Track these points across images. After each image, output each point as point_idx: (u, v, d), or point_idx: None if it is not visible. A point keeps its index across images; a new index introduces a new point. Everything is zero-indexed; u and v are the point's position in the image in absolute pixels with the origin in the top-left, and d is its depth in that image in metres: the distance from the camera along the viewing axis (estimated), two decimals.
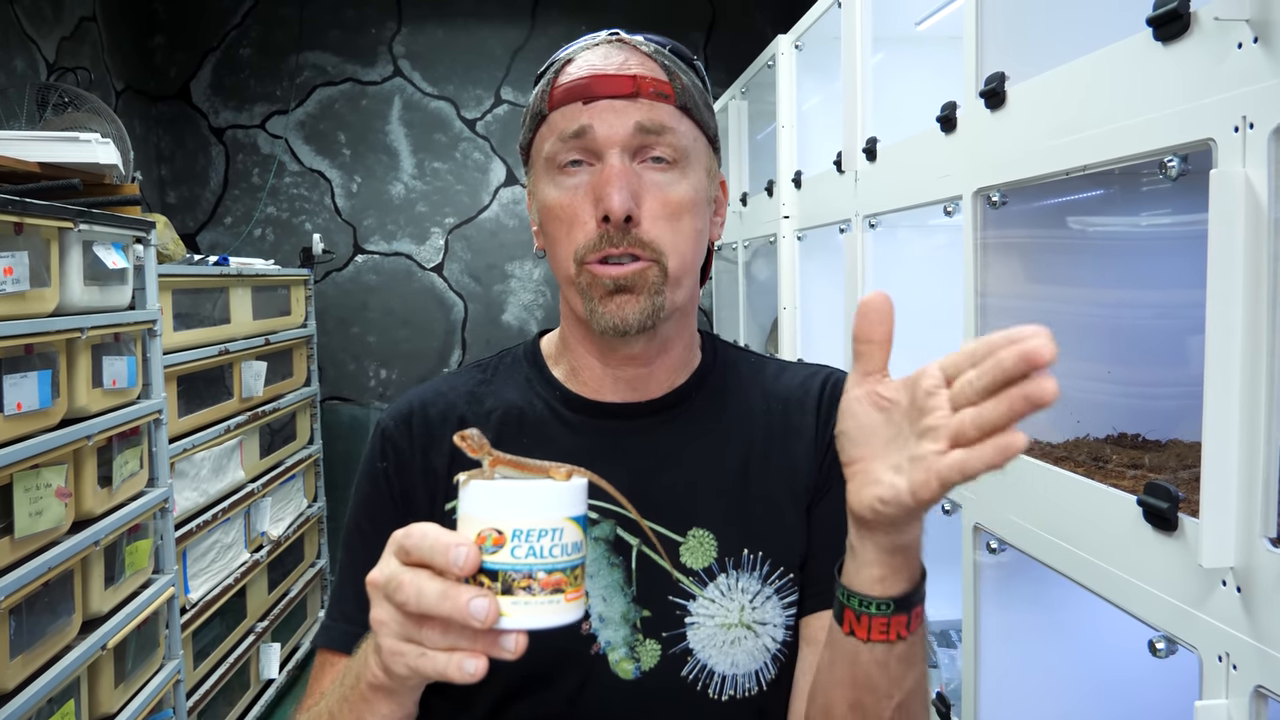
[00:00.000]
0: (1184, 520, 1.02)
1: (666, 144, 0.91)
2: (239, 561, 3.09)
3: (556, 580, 0.64)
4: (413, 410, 1.00)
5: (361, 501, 1.01)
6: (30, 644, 1.88)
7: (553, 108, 0.92)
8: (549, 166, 0.93)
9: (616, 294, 0.90)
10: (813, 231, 2.61)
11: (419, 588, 0.63)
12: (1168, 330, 1.43)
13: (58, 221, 1.95)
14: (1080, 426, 1.50)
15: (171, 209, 4.37)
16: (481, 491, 0.66)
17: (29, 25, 3.26)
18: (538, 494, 0.66)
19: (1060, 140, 1.26)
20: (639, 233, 0.89)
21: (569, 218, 0.91)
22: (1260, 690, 0.92)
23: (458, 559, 0.63)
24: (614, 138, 0.89)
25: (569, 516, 0.65)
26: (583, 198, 0.90)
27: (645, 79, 0.91)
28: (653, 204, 0.90)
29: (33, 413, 1.87)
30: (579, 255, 0.90)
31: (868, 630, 0.73)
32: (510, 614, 0.63)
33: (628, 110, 0.90)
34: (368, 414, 4.47)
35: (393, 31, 4.44)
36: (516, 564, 0.63)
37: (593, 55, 0.93)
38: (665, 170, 0.91)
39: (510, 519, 0.64)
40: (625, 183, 0.88)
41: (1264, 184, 0.88)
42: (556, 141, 0.91)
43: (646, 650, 0.92)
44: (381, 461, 0.99)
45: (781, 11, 4.36)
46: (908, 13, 2.26)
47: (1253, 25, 0.90)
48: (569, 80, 0.92)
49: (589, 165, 0.91)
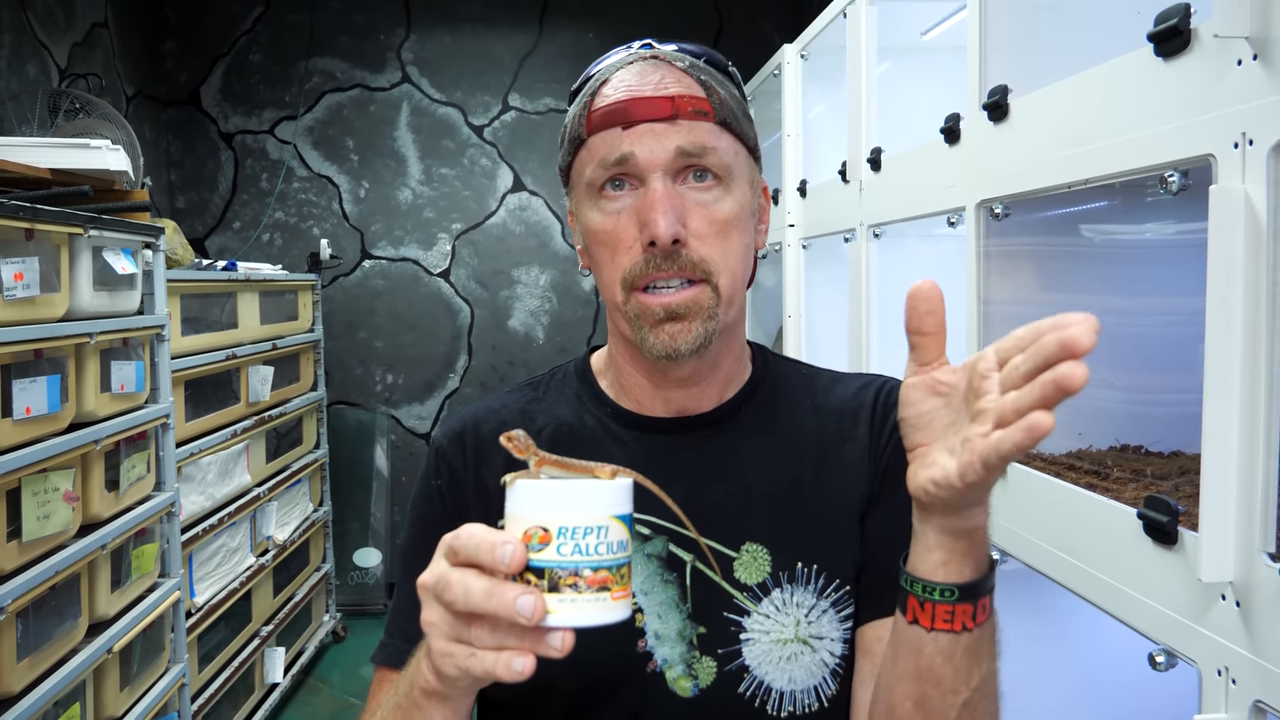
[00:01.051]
0: (1184, 534, 1.02)
1: (710, 163, 0.90)
2: (245, 565, 3.10)
3: (602, 578, 0.64)
4: (465, 428, 1.01)
5: (417, 519, 1.01)
6: (37, 647, 1.89)
7: (591, 132, 0.91)
8: (590, 191, 0.92)
9: (668, 321, 0.89)
10: (818, 240, 2.62)
11: (466, 586, 0.64)
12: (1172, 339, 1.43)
13: (68, 227, 1.96)
14: (1083, 438, 1.50)
15: (180, 214, 4.39)
16: (527, 490, 0.66)
17: (41, 31, 3.29)
18: (583, 492, 0.66)
19: (1062, 153, 1.27)
20: (688, 254, 0.88)
21: (613, 242, 0.90)
22: (1259, 705, 0.92)
23: (504, 556, 0.63)
24: (655, 162, 0.88)
25: (614, 515, 0.66)
26: (626, 221, 0.89)
27: (683, 99, 0.89)
28: (699, 224, 0.89)
29: (41, 417, 1.88)
30: (627, 281, 0.90)
31: (931, 618, 0.72)
32: (557, 611, 0.63)
33: (668, 134, 0.88)
34: (374, 419, 4.49)
35: (401, 38, 4.46)
36: (562, 561, 0.64)
37: (628, 75, 0.92)
38: (709, 188, 0.90)
39: (556, 517, 0.64)
40: (670, 205, 0.87)
41: (1263, 200, 0.89)
42: (597, 168, 0.90)
43: (703, 667, 0.91)
44: (436, 479, 1.00)
45: (788, 19, 4.37)
46: (913, 23, 2.26)
47: (1252, 42, 0.91)
48: (606, 104, 0.90)
49: (632, 188, 0.90)
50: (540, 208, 4.54)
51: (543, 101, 4.51)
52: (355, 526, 4.36)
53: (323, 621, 4.00)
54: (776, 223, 2.83)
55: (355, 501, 4.37)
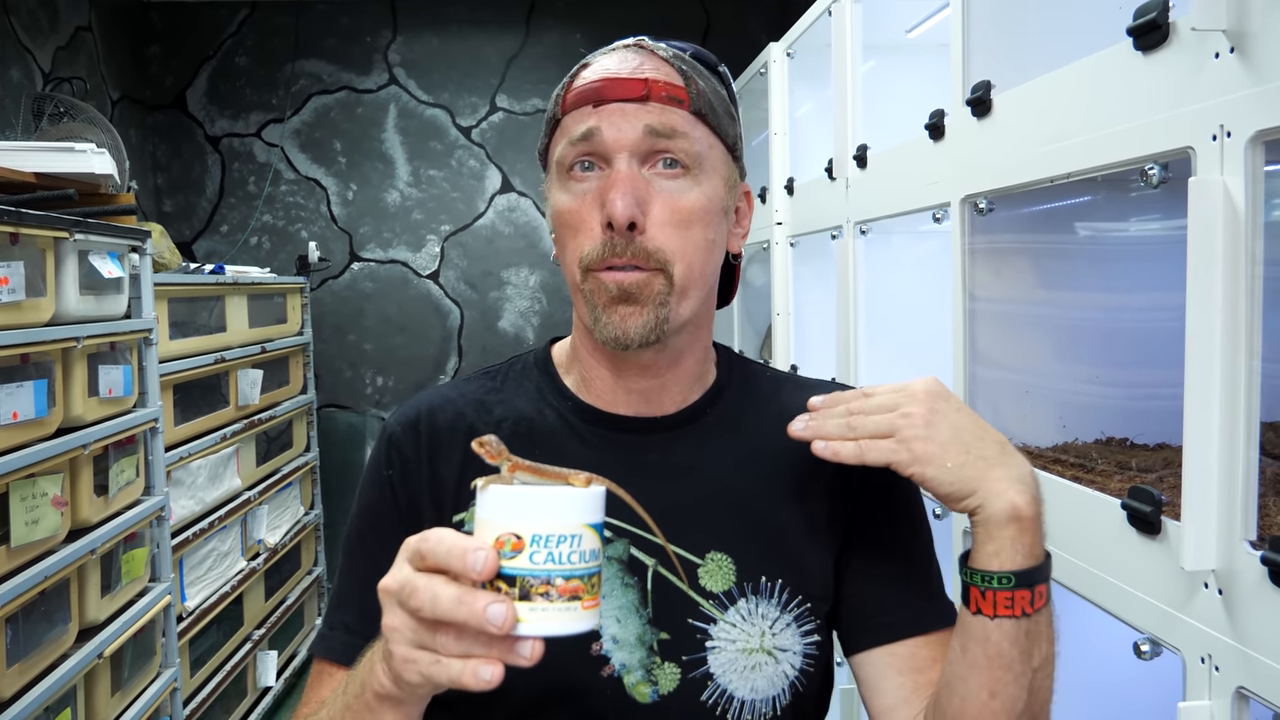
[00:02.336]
0: (1167, 523, 1.03)
1: (678, 149, 0.88)
2: (236, 569, 3.10)
3: (574, 587, 0.64)
4: (420, 416, 0.98)
5: (365, 508, 0.99)
6: (27, 652, 1.89)
7: (565, 111, 0.91)
8: (560, 171, 0.91)
9: (621, 303, 0.87)
10: (805, 238, 2.62)
11: (434, 593, 0.63)
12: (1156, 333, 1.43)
13: (53, 231, 1.96)
14: (1068, 431, 1.51)
15: (167, 218, 4.38)
16: (500, 496, 0.65)
17: (25, 35, 3.27)
18: (558, 500, 0.65)
19: (1045, 148, 1.27)
20: (643, 240, 0.87)
21: (576, 224, 0.89)
22: (1242, 691, 0.93)
23: (475, 563, 0.62)
24: (622, 141, 0.87)
25: (587, 524, 0.65)
26: (590, 203, 0.88)
27: (658, 82, 0.89)
28: (661, 211, 0.87)
29: (29, 422, 1.88)
30: (584, 262, 0.88)
31: (993, 606, 0.78)
32: (527, 620, 0.63)
33: (638, 114, 0.87)
34: (364, 421, 4.48)
35: (388, 40, 4.46)
36: (535, 570, 0.63)
37: (609, 60, 0.92)
38: (676, 176, 0.89)
39: (530, 524, 0.63)
40: (630, 189, 0.86)
41: (1241, 192, 0.90)
42: (566, 145, 0.89)
43: (665, 674, 0.89)
44: (387, 469, 0.97)
45: (774, 18, 4.38)
46: (897, 20, 2.27)
47: (1229, 35, 0.91)
48: (582, 84, 0.90)
49: (599, 170, 0.89)
50: (529, 209, 4.54)
51: (530, 102, 4.51)
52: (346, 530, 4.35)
53: (315, 625, 3.99)
54: (764, 220, 2.84)
55: (346, 505, 4.33)
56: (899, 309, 2.10)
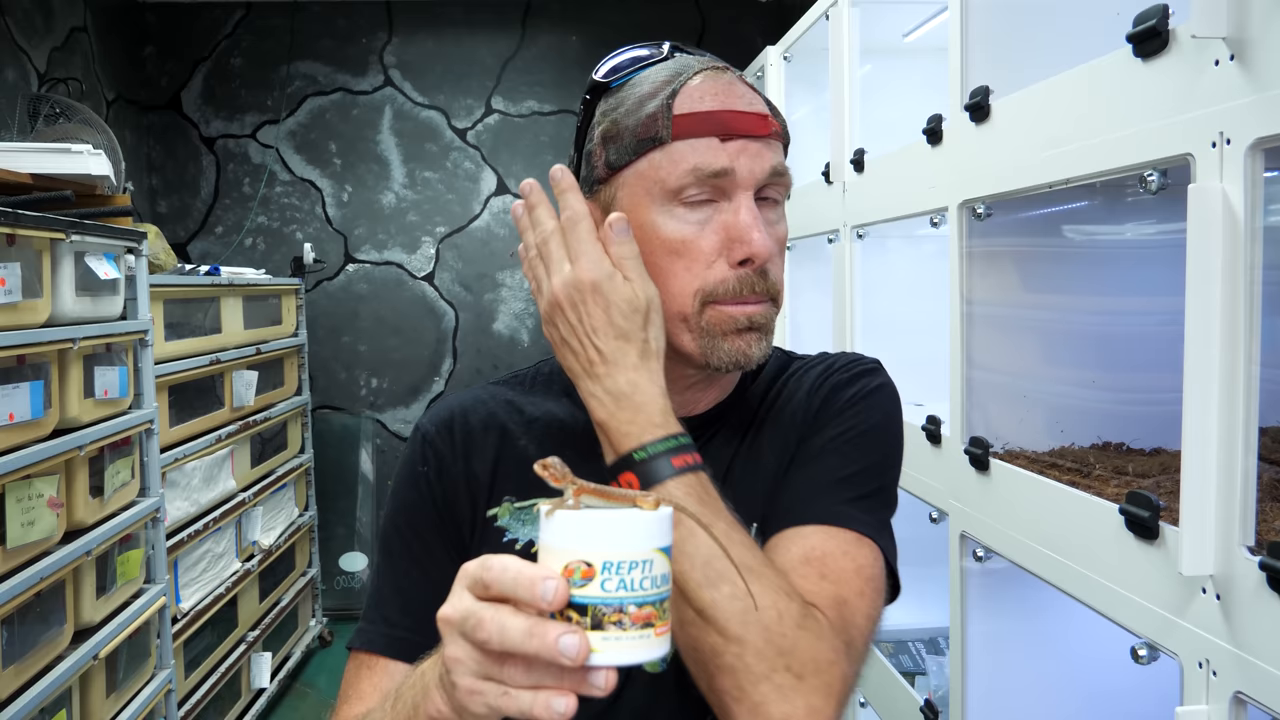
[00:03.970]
0: (1165, 529, 1.04)
1: (784, 185, 0.91)
2: (230, 571, 3.09)
3: (647, 614, 0.61)
4: (454, 416, 1.00)
5: (401, 506, 0.99)
6: (22, 654, 1.88)
7: (678, 135, 0.87)
8: (666, 198, 0.88)
9: (748, 331, 0.89)
10: (802, 241, 2.63)
11: (501, 624, 0.60)
12: (1153, 339, 1.44)
13: (49, 233, 1.95)
14: (1065, 435, 1.52)
15: (162, 219, 4.37)
16: (568, 522, 0.62)
17: (20, 36, 3.26)
18: (628, 524, 0.62)
19: (1043, 154, 1.28)
20: (769, 274, 0.90)
21: (692, 253, 0.88)
22: (1239, 696, 0.93)
23: (545, 593, 0.59)
24: (751, 180, 0.87)
25: (658, 548, 0.62)
26: (709, 234, 0.88)
27: (771, 119, 0.90)
28: (772, 244, 0.89)
29: (25, 423, 1.87)
30: (708, 294, 0.89)
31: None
32: (601, 650, 0.60)
33: (762, 153, 0.88)
34: (359, 423, 4.47)
35: (383, 41, 4.45)
36: (607, 598, 0.60)
37: (712, 84, 0.89)
38: (773, 208, 0.91)
39: (600, 551, 0.61)
40: (765, 228, 0.88)
41: (1240, 199, 0.90)
42: (686, 176, 0.87)
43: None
44: (423, 466, 0.98)
45: (771, 21, 4.38)
46: (895, 25, 2.28)
47: (1229, 43, 0.92)
48: (699, 110, 0.87)
49: (714, 201, 0.88)
50: None
51: (526, 104, 4.51)
52: (341, 531, 4.35)
53: (309, 626, 3.99)
54: None
55: (341, 506, 4.36)
56: (895, 313, 2.11)
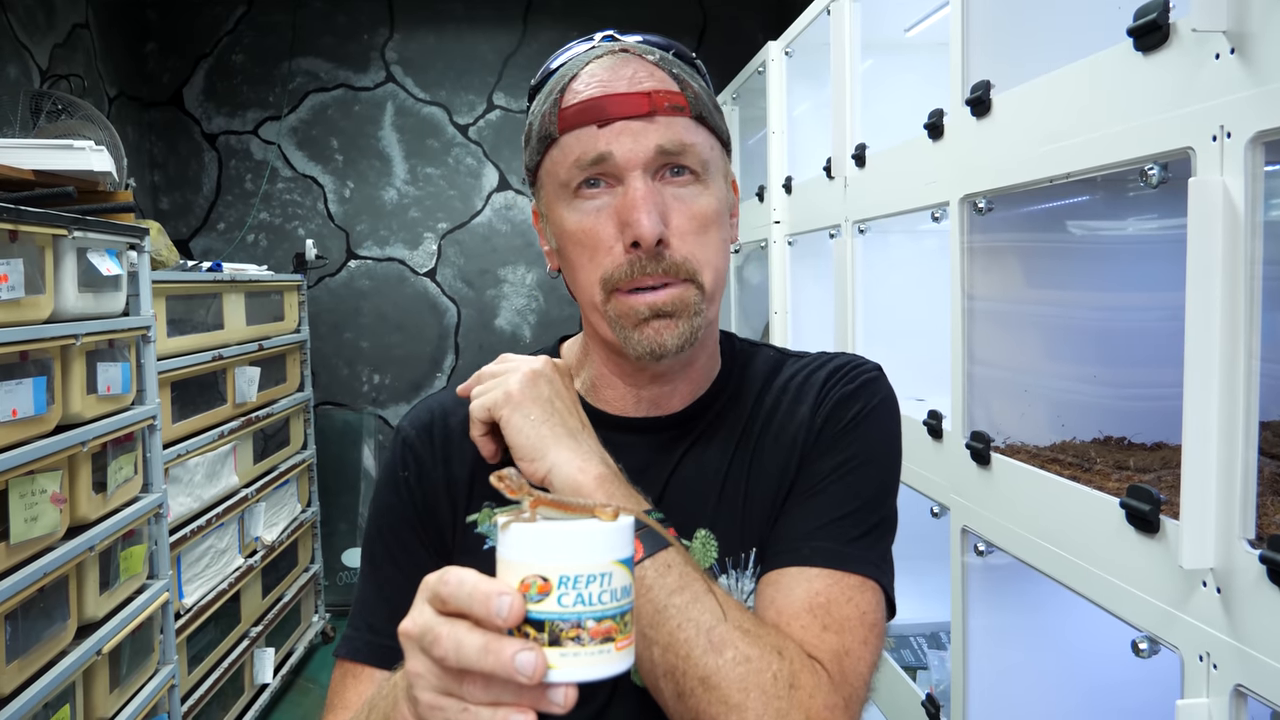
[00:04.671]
0: (1165, 522, 1.04)
1: (689, 160, 0.87)
2: (233, 567, 3.10)
3: (606, 628, 0.59)
4: (433, 419, 0.99)
5: (382, 510, 0.99)
6: (26, 649, 1.89)
7: (563, 130, 0.88)
8: (564, 191, 0.89)
9: (654, 319, 0.87)
10: (803, 236, 2.63)
11: (458, 641, 0.59)
12: (1154, 333, 1.44)
13: (52, 229, 1.95)
14: (1066, 429, 1.52)
15: (165, 215, 4.37)
16: (524, 535, 0.60)
17: (22, 32, 3.27)
18: (585, 537, 0.61)
19: (1044, 148, 1.28)
20: (670, 254, 0.86)
21: (591, 243, 0.87)
22: (1240, 689, 0.94)
23: (500, 609, 0.58)
24: (634, 161, 0.85)
25: (618, 560, 0.60)
26: (605, 221, 0.87)
27: (659, 94, 0.86)
28: (680, 221, 0.86)
29: (28, 419, 1.87)
30: (608, 282, 0.87)
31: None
32: (558, 666, 0.58)
33: (646, 131, 0.85)
34: (361, 419, 4.48)
35: (385, 38, 4.45)
36: (564, 613, 0.59)
37: (598, 69, 0.88)
38: (688, 184, 0.88)
39: (557, 564, 0.59)
40: (653, 204, 0.85)
41: (1241, 192, 0.90)
42: (572, 168, 0.87)
43: None
44: (403, 470, 0.98)
45: (772, 16, 4.38)
46: (896, 19, 2.27)
47: (1229, 36, 0.92)
48: (578, 101, 0.87)
49: (608, 186, 0.87)
50: (526, 206, 4.54)
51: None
52: (343, 527, 4.35)
53: (312, 622, 3.99)
54: (762, 219, 2.84)
55: (343, 502, 4.36)
56: (897, 308, 2.11)
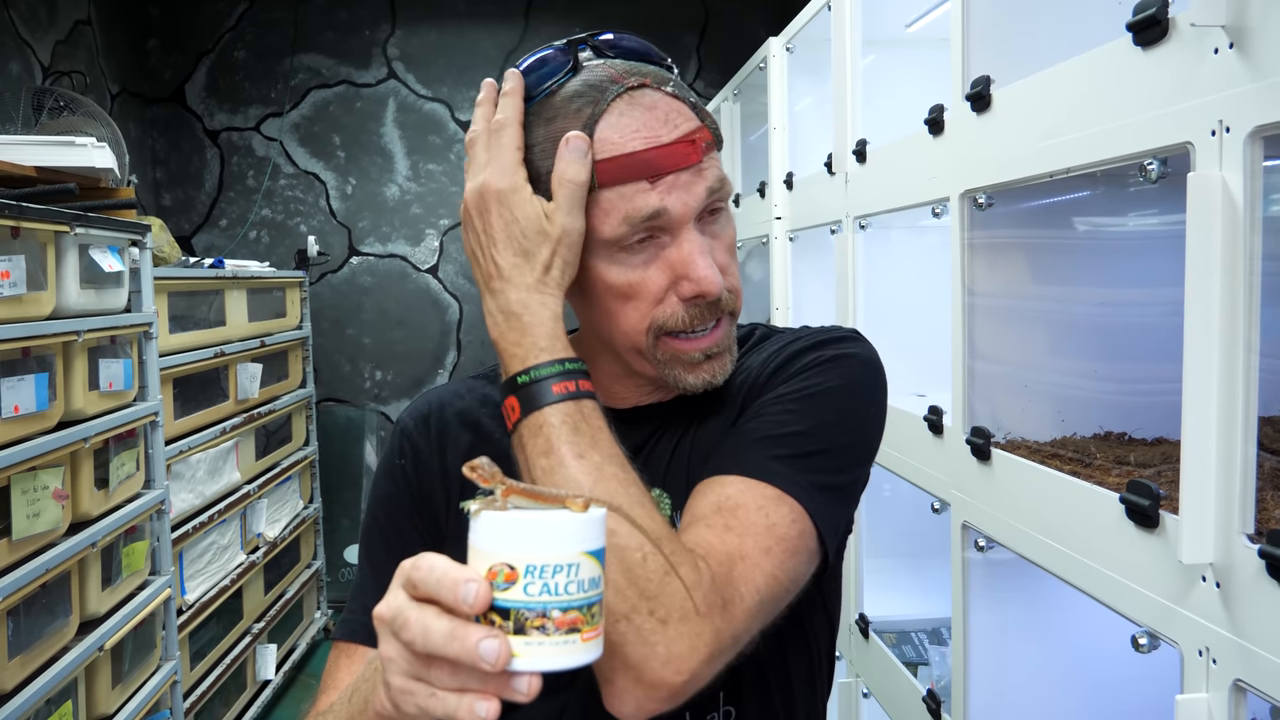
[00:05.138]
0: (1165, 517, 1.04)
1: (724, 194, 0.87)
2: (235, 563, 3.10)
3: (572, 619, 0.60)
4: (431, 410, 1.01)
5: (380, 498, 1.01)
6: (28, 645, 1.89)
7: (605, 184, 0.83)
8: (606, 246, 0.85)
9: (705, 361, 0.88)
10: (804, 232, 2.63)
11: (425, 626, 0.60)
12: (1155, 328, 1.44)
13: (54, 225, 1.96)
14: (1067, 425, 1.52)
15: (166, 212, 4.38)
16: (493, 523, 0.62)
17: (24, 29, 3.27)
18: (553, 527, 0.61)
19: (1044, 143, 1.28)
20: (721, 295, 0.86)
21: (639, 294, 0.86)
22: (1239, 684, 0.94)
23: (466, 596, 0.59)
24: (690, 214, 0.84)
25: (586, 551, 0.61)
26: (656, 274, 0.85)
27: (698, 136, 0.85)
28: (722, 258, 0.86)
29: (30, 415, 1.88)
30: (660, 329, 0.87)
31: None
32: (523, 655, 0.59)
33: (695, 182, 0.84)
34: (363, 415, 4.48)
35: (386, 34, 4.45)
36: (529, 602, 0.60)
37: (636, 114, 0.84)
38: (719, 216, 0.88)
39: (523, 554, 0.60)
40: (711, 257, 0.84)
41: (1240, 187, 0.90)
42: (620, 225, 0.83)
43: None
44: (400, 459, 1.00)
45: (773, 12, 4.37)
46: (897, 15, 2.27)
47: (1228, 31, 0.92)
48: (623, 154, 0.83)
49: (653, 238, 0.85)
50: None
51: None
52: (345, 523, 4.36)
53: (314, 618, 4.00)
54: (764, 215, 2.84)
55: (345, 498, 4.37)
56: (898, 304, 2.11)
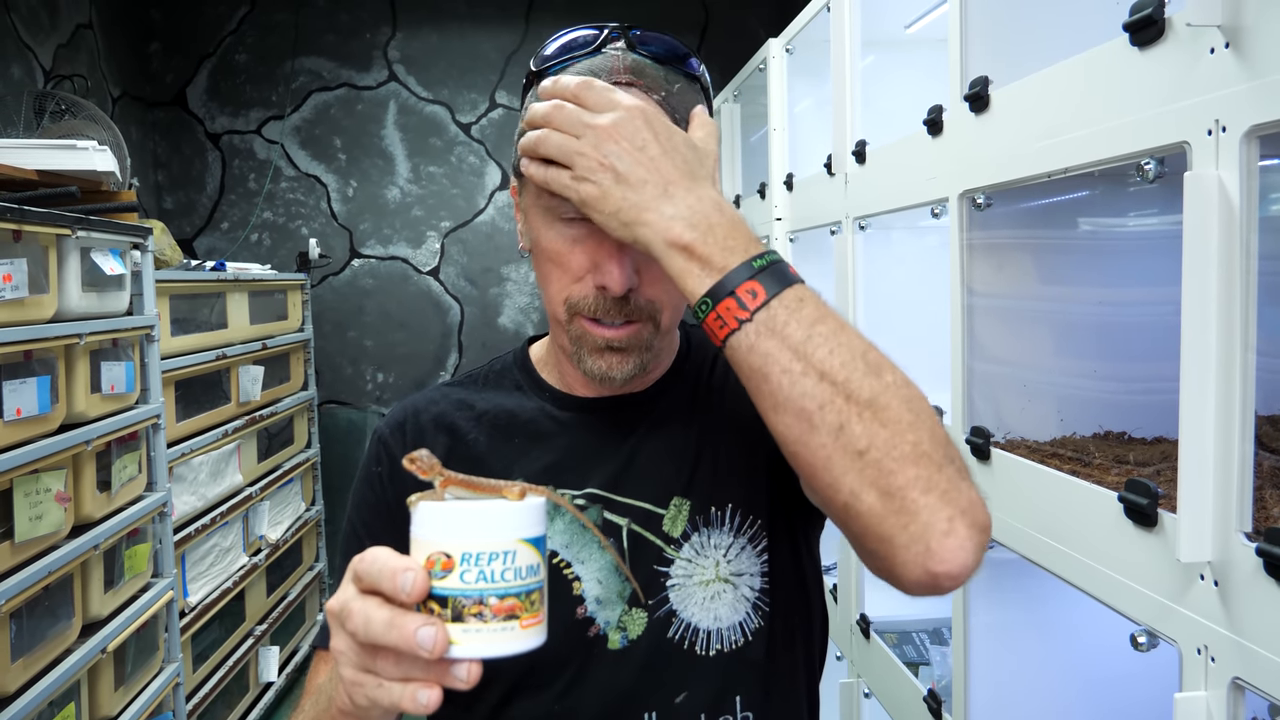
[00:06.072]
0: (1163, 516, 1.04)
1: None
2: (238, 565, 3.11)
3: (510, 606, 0.61)
4: (406, 417, 1.03)
5: (357, 505, 1.04)
6: (31, 647, 1.90)
7: None
8: (548, 212, 0.88)
9: (608, 351, 0.89)
10: (804, 233, 2.63)
11: (367, 616, 0.62)
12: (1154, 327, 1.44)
13: (56, 228, 1.96)
14: (1066, 424, 1.52)
15: (168, 214, 4.39)
16: (430, 513, 0.63)
17: (25, 33, 3.28)
18: (487, 515, 0.63)
19: (1042, 143, 1.28)
20: (635, 298, 0.87)
21: (563, 265, 0.88)
22: (1237, 682, 0.94)
23: (404, 584, 0.61)
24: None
25: (523, 538, 0.62)
26: (580, 254, 0.87)
27: None
28: (655, 269, 0.84)
29: (32, 418, 1.88)
30: (573, 306, 0.89)
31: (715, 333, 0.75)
32: (461, 642, 0.61)
33: None
34: (365, 417, 4.49)
35: (387, 36, 4.46)
36: (466, 589, 0.61)
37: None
38: None
39: (459, 542, 0.61)
40: (628, 258, 0.85)
41: (1236, 186, 0.90)
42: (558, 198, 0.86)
43: (634, 620, 0.93)
44: (376, 466, 1.02)
45: (773, 14, 4.37)
46: (896, 16, 2.27)
47: (1224, 31, 0.92)
48: None
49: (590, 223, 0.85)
50: None
51: None
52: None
53: (316, 620, 4.00)
54: (764, 216, 2.84)
55: (347, 500, 4.36)
56: (898, 304, 2.11)
